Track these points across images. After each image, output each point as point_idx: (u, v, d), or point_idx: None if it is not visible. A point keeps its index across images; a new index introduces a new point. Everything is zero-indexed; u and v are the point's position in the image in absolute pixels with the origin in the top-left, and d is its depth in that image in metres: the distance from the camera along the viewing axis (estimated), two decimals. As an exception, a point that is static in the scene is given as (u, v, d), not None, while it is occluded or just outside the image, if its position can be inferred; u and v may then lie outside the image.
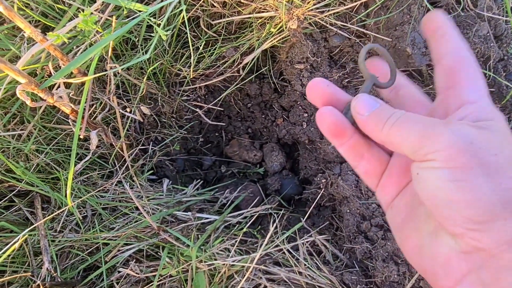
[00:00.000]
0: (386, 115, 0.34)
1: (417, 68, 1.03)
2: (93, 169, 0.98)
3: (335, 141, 0.40)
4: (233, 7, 1.04)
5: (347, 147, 0.39)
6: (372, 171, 0.40)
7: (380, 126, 0.34)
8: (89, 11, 0.70)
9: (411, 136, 0.32)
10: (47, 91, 0.68)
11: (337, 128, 0.39)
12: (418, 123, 0.32)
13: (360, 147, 0.39)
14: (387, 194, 0.40)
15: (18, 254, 0.84)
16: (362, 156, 0.40)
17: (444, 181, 0.29)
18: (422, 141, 0.31)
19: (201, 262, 0.85)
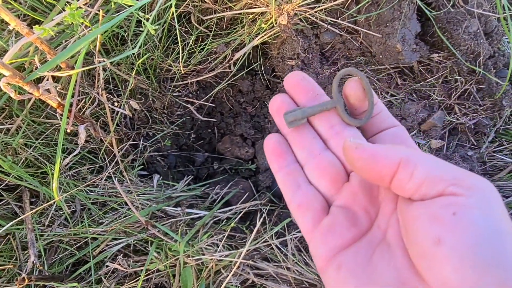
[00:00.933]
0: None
1: (407, 64, 1.03)
2: (83, 163, 0.97)
3: (275, 162, 0.39)
4: (224, 3, 1.04)
5: (284, 173, 0.38)
6: (308, 206, 0.36)
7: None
8: (76, 5, 0.70)
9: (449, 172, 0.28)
10: (32, 84, 0.68)
11: (280, 148, 0.39)
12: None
13: (298, 176, 0.38)
14: (327, 244, 0.34)
15: (6, 248, 0.84)
16: (299, 186, 0.37)
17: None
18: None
19: (189, 257, 0.85)
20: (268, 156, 0.39)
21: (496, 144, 1.09)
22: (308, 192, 0.37)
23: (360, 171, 0.32)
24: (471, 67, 0.99)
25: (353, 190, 0.36)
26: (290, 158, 0.39)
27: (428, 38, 1.04)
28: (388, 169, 0.30)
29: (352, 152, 0.31)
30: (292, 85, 0.40)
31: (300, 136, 0.39)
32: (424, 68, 1.08)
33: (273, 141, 0.39)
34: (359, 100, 0.39)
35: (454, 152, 1.06)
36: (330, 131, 0.39)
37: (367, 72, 1.11)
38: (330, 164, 0.38)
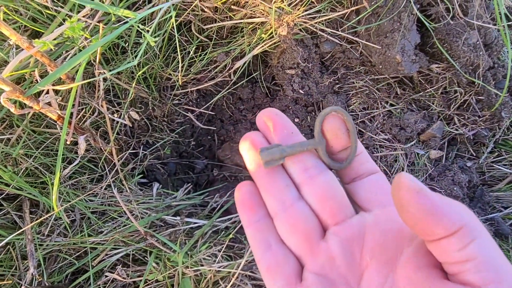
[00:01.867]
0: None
1: (406, 75, 1.03)
2: (83, 173, 0.98)
3: (245, 216, 0.35)
4: (225, 12, 1.04)
5: (254, 229, 0.35)
6: (278, 270, 0.33)
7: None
8: (75, 18, 0.70)
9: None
10: (32, 98, 0.69)
11: (251, 199, 0.35)
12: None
13: (269, 233, 0.35)
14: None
15: (5, 258, 0.84)
16: (269, 246, 0.34)
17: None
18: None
19: (188, 268, 0.85)
20: (238, 207, 0.36)
21: (495, 154, 1.10)
22: (278, 254, 0.34)
23: (410, 217, 0.27)
24: (470, 79, 0.99)
25: (330, 253, 0.33)
26: (261, 211, 0.35)
27: (428, 48, 1.04)
28: (443, 230, 0.26)
29: (412, 195, 0.27)
30: (265, 122, 0.37)
31: (272, 182, 0.35)
32: (423, 79, 1.08)
33: (244, 191, 0.36)
34: (340, 141, 0.36)
35: (453, 163, 1.06)
36: (303, 174, 0.35)
37: (367, 81, 1.11)
38: (302, 218, 0.34)
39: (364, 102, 1.11)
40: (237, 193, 0.36)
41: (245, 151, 0.36)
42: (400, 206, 0.27)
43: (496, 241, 0.92)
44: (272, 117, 0.37)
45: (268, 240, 0.34)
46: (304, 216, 0.34)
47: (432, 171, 1.05)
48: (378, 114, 1.09)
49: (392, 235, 0.32)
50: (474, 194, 1.06)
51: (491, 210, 1.04)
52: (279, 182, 0.35)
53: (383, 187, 0.35)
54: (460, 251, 0.26)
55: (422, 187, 0.27)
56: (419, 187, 0.27)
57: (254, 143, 0.36)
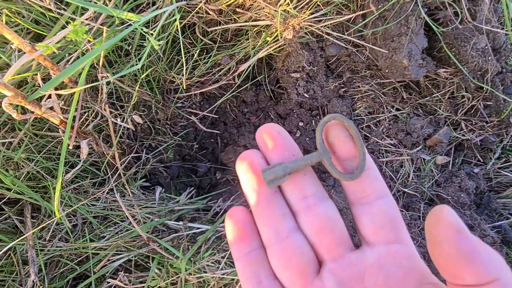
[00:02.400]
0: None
1: (413, 79, 1.02)
2: (85, 177, 0.97)
3: (236, 247, 0.32)
4: (229, 15, 1.03)
5: (245, 262, 0.32)
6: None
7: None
8: (79, 21, 0.69)
9: None
10: (35, 103, 0.68)
11: (244, 229, 0.32)
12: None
13: (260, 267, 0.32)
14: None
15: (6, 263, 0.83)
16: (260, 282, 0.32)
17: None
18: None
19: (191, 275, 0.84)
20: (229, 237, 0.33)
21: (503, 160, 1.08)
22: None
23: (443, 256, 0.25)
24: (479, 84, 0.97)
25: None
26: (254, 243, 0.33)
27: (436, 53, 1.03)
28: (476, 278, 0.24)
29: (453, 233, 0.25)
30: (266, 140, 0.33)
31: (268, 210, 0.33)
32: (430, 83, 1.06)
33: (236, 219, 0.33)
34: (346, 150, 0.33)
35: (460, 169, 1.05)
36: (301, 203, 0.33)
37: (373, 85, 1.09)
38: (298, 251, 0.32)
39: (369, 106, 1.10)
40: (228, 221, 0.33)
41: (242, 172, 0.34)
42: (434, 241, 0.26)
43: (503, 249, 0.91)
44: (273, 136, 0.33)
45: (259, 274, 0.32)
46: (300, 250, 0.32)
47: (439, 177, 1.04)
48: (384, 118, 1.08)
49: (396, 279, 0.30)
50: (481, 200, 1.04)
51: (498, 217, 1.02)
52: (276, 210, 0.33)
53: (392, 217, 0.32)
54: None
55: (463, 227, 0.25)
56: (460, 226, 0.25)
57: (253, 164, 0.33)
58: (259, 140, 0.34)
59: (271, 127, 0.34)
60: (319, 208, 0.33)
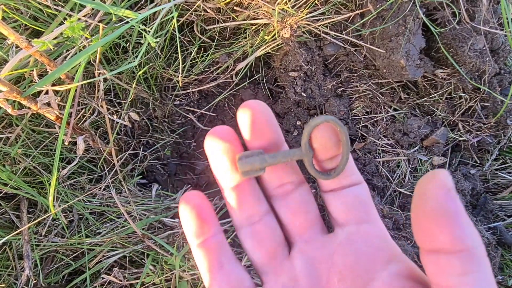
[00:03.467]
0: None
1: (411, 79, 1.02)
2: (82, 173, 0.97)
3: (194, 232, 0.30)
4: (227, 13, 1.03)
5: (206, 248, 0.30)
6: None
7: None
8: (75, 18, 0.70)
9: None
10: (30, 98, 0.68)
11: (203, 213, 0.30)
12: None
13: (221, 252, 0.31)
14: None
15: (2, 258, 0.84)
16: (222, 266, 0.31)
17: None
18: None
19: (185, 271, 0.84)
20: (185, 222, 0.30)
21: (500, 162, 1.08)
22: (232, 274, 0.31)
23: (424, 212, 0.24)
24: (476, 85, 0.97)
25: (294, 272, 0.31)
26: (213, 228, 0.31)
27: (433, 53, 1.03)
28: (449, 240, 0.24)
29: (443, 191, 0.24)
30: (250, 120, 0.30)
31: (242, 194, 0.31)
32: (428, 83, 1.06)
33: (193, 204, 0.30)
34: (329, 153, 0.31)
35: (456, 170, 1.04)
36: (279, 189, 0.32)
37: (370, 85, 1.09)
38: (270, 233, 0.32)
39: (367, 106, 1.10)
40: (185, 206, 0.30)
41: (213, 153, 0.30)
42: (421, 197, 0.25)
43: (498, 250, 0.91)
44: (259, 116, 0.30)
45: (220, 259, 0.31)
46: (272, 232, 0.32)
47: (435, 177, 1.03)
48: (381, 118, 1.08)
49: (365, 257, 0.29)
50: (477, 202, 1.04)
51: (494, 218, 1.02)
52: (250, 194, 0.32)
53: (363, 200, 0.31)
54: (460, 276, 0.23)
55: (455, 190, 0.24)
56: (452, 187, 0.24)
57: (228, 145, 0.30)
58: (242, 118, 0.30)
59: (255, 105, 0.30)
60: (295, 193, 0.32)
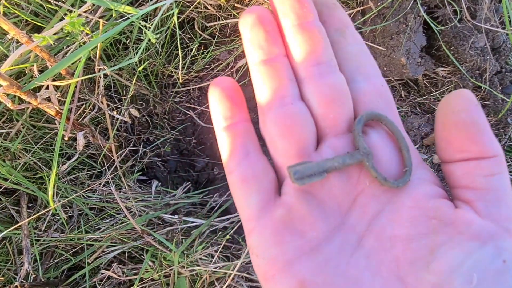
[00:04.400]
0: None
1: (411, 77, 1.02)
2: (82, 169, 0.98)
3: (223, 115, 0.28)
4: (228, 11, 1.03)
5: (232, 132, 0.28)
6: (255, 182, 0.27)
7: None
8: (76, 13, 0.70)
9: None
10: (30, 93, 0.68)
11: (234, 97, 0.28)
12: None
13: (249, 139, 0.28)
14: (282, 245, 0.25)
15: (2, 252, 0.84)
16: (247, 154, 0.28)
17: None
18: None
19: (183, 267, 0.85)
20: (213, 104, 0.28)
21: (500, 161, 1.07)
22: (258, 164, 0.27)
23: (457, 124, 0.25)
24: (477, 83, 0.97)
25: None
26: (242, 114, 0.28)
27: (434, 51, 1.02)
28: (479, 149, 0.25)
29: (471, 104, 0.25)
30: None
31: (274, 71, 0.27)
32: (429, 82, 1.06)
33: (224, 85, 0.28)
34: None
35: (456, 168, 1.04)
36: (312, 69, 0.28)
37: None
38: (300, 120, 0.27)
39: (367, 104, 1.10)
40: (214, 88, 0.28)
41: (247, 26, 0.28)
42: (449, 110, 0.25)
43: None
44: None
45: (246, 146, 0.27)
46: (302, 119, 0.27)
47: (435, 176, 1.03)
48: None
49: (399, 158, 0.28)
50: (477, 200, 1.04)
51: (494, 217, 1.02)
52: (283, 72, 0.28)
53: (387, 97, 0.30)
54: (487, 177, 0.24)
55: (479, 105, 0.25)
56: (478, 103, 0.25)
57: (263, 19, 0.27)
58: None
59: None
60: (330, 77, 0.28)
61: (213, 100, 0.28)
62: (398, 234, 0.25)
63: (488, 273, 0.22)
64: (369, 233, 0.26)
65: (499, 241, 0.23)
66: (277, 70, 0.27)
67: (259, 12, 0.27)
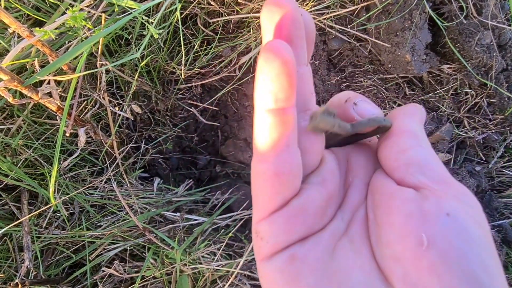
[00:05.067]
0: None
1: (416, 75, 1.00)
2: (83, 165, 0.97)
3: (281, 95, 0.23)
4: (231, 6, 1.02)
5: (283, 118, 0.24)
6: (289, 178, 0.25)
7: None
8: (77, 8, 0.69)
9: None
10: (31, 88, 0.67)
11: (294, 74, 0.23)
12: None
13: (291, 129, 0.25)
14: (289, 234, 0.26)
15: (3, 249, 0.84)
16: (288, 146, 0.25)
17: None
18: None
19: (185, 266, 0.84)
20: (267, 79, 0.23)
21: (506, 159, 1.06)
22: (295, 159, 0.25)
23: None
24: (483, 80, 0.96)
25: (330, 165, 0.29)
26: (294, 97, 0.24)
27: (439, 48, 1.01)
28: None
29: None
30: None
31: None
32: (433, 79, 1.05)
33: (285, 58, 0.22)
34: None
35: (461, 167, 1.03)
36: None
37: (375, 80, 1.08)
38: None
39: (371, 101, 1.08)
40: (273, 57, 0.22)
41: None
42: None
43: (503, 249, 0.90)
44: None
45: (289, 138, 0.25)
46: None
47: (440, 174, 1.02)
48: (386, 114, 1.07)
49: (370, 155, 0.32)
50: (482, 199, 1.03)
51: (499, 216, 1.01)
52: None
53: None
54: (405, 152, 0.26)
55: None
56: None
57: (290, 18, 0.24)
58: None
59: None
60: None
61: (266, 73, 0.23)
62: (370, 218, 0.27)
63: (435, 229, 0.23)
64: (355, 223, 0.28)
65: (435, 199, 0.24)
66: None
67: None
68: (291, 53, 0.23)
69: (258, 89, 0.24)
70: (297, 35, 0.26)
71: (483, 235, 0.23)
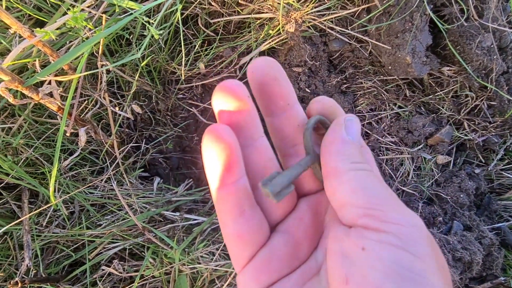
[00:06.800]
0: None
1: (416, 77, 1.00)
2: (83, 165, 0.97)
3: (224, 176, 0.27)
4: (232, 7, 1.02)
5: (228, 192, 0.28)
6: (250, 238, 0.29)
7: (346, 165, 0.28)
8: (78, 8, 0.69)
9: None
10: (32, 88, 0.68)
11: (233, 155, 0.27)
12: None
13: (244, 197, 0.28)
14: (259, 282, 0.29)
15: (3, 248, 0.84)
16: (243, 212, 0.28)
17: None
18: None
19: (184, 265, 0.84)
20: (209, 162, 0.27)
21: (505, 162, 1.06)
22: (253, 220, 0.29)
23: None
24: (483, 83, 0.96)
25: (299, 213, 0.31)
26: (240, 170, 0.28)
27: (440, 50, 1.01)
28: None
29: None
30: (264, 80, 0.30)
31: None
32: (434, 81, 1.05)
33: (225, 143, 0.26)
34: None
35: (460, 169, 1.03)
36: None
37: (375, 82, 1.08)
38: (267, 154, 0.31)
39: (371, 103, 1.09)
40: (212, 144, 0.26)
41: (224, 97, 0.29)
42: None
43: (502, 251, 0.90)
44: (272, 78, 0.30)
45: (242, 205, 0.28)
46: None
47: (439, 176, 1.02)
48: (386, 116, 1.07)
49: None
50: (481, 202, 1.03)
51: (498, 219, 1.01)
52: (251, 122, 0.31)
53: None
54: (333, 195, 0.28)
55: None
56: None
57: (238, 92, 0.29)
58: (254, 78, 0.31)
59: (270, 63, 0.30)
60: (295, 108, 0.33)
61: (208, 158, 0.27)
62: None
63: (351, 265, 0.24)
64: (325, 261, 0.29)
65: (355, 234, 0.25)
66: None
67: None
68: (232, 136, 0.27)
69: (206, 168, 0.28)
70: (247, 113, 0.30)
71: (405, 262, 0.23)
